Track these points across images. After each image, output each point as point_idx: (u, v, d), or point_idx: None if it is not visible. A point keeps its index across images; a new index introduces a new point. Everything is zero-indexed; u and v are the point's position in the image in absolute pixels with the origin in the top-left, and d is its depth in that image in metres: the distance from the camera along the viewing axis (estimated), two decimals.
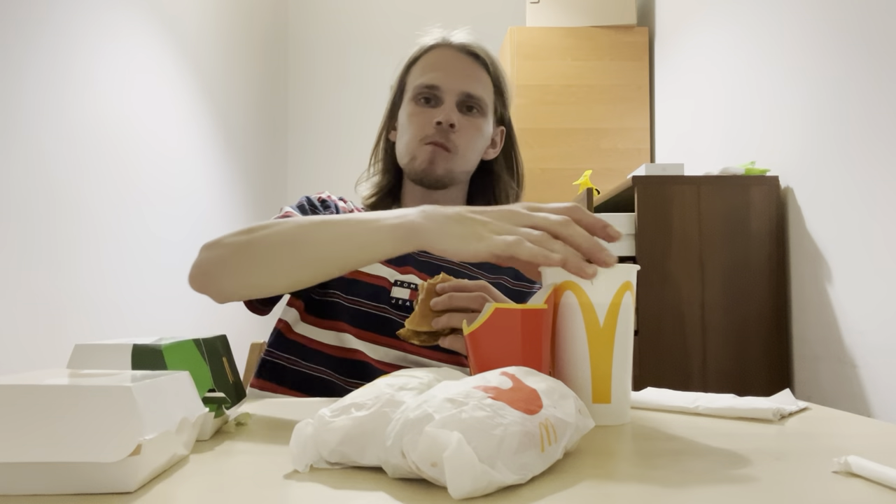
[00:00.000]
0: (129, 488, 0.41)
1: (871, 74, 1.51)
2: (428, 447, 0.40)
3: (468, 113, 1.00)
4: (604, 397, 0.60)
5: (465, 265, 1.01)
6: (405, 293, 0.96)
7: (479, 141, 1.02)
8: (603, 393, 0.60)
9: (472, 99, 1.00)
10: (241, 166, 3.12)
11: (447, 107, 0.98)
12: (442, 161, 0.98)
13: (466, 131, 0.99)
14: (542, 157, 2.91)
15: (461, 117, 0.99)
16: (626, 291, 0.60)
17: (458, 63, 1.01)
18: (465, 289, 0.76)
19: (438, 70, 1.00)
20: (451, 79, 0.99)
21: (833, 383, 1.62)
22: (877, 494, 0.41)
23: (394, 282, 0.96)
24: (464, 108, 1.00)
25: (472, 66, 1.02)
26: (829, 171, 1.65)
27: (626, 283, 0.60)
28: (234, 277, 0.78)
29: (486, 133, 1.04)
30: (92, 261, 1.86)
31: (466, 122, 1.00)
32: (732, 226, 1.79)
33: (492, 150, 1.08)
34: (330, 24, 3.91)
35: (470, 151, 1.01)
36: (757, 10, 2.04)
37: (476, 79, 1.01)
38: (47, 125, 1.68)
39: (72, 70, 1.78)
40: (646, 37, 2.97)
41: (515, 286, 1.02)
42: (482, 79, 1.02)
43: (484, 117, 1.02)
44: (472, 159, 1.03)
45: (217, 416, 0.59)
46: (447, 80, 0.99)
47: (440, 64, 1.01)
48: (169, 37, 2.39)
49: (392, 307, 0.95)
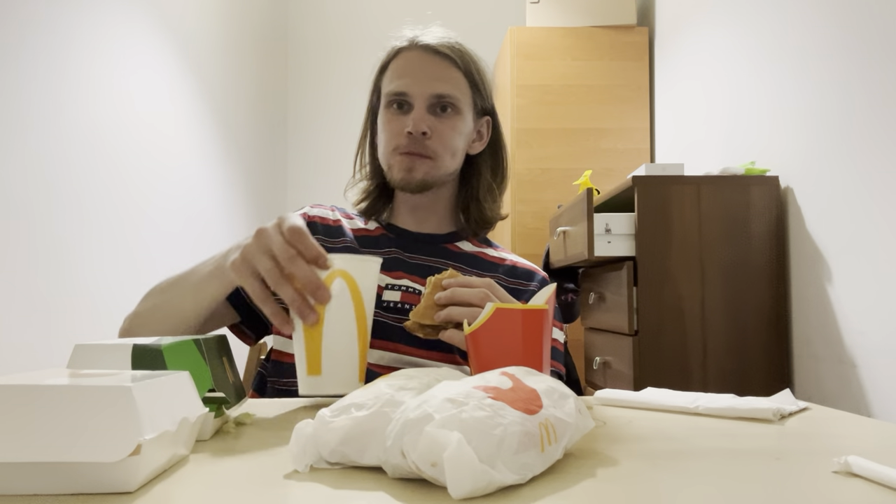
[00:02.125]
0: (129, 488, 0.41)
1: (871, 74, 1.51)
2: (428, 447, 0.40)
3: (442, 114, 0.98)
4: (315, 370, 0.68)
5: (460, 264, 1.01)
6: (396, 295, 0.96)
7: (456, 140, 1.00)
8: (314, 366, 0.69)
9: (444, 99, 0.98)
10: (241, 166, 3.13)
11: (417, 114, 0.96)
12: (420, 167, 0.97)
13: (441, 134, 0.97)
14: (542, 157, 2.91)
15: (435, 120, 0.97)
16: (336, 278, 0.68)
17: (426, 65, 0.99)
18: (471, 285, 0.76)
19: (406, 76, 0.98)
20: (419, 83, 0.97)
21: (833, 383, 1.62)
22: (877, 494, 0.41)
23: (385, 285, 0.96)
24: (437, 109, 0.98)
25: (440, 66, 0.99)
26: (830, 171, 1.65)
27: (336, 272, 0.68)
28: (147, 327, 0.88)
29: (465, 130, 1.01)
30: (92, 261, 1.86)
31: (440, 125, 0.97)
32: (732, 226, 1.79)
33: (478, 142, 1.06)
34: (330, 24, 3.91)
35: (448, 153, 0.99)
36: (757, 9, 2.04)
37: (445, 78, 0.98)
38: (46, 125, 1.68)
39: (71, 70, 1.78)
40: (646, 37, 2.97)
41: (512, 283, 1.01)
42: (452, 77, 0.99)
43: (459, 115, 1.00)
44: (453, 160, 1.01)
45: (217, 416, 0.59)
46: (415, 84, 0.97)
47: (407, 68, 0.99)
48: (169, 36, 2.39)
49: (384, 310, 0.94)
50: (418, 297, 0.95)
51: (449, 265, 1.00)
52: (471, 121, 1.03)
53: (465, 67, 1.00)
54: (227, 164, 2.96)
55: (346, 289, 0.69)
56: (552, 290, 0.70)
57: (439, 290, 0.77)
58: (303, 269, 0.67)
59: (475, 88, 1.02)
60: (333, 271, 0.68)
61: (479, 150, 1.06)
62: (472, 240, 1.07)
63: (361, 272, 0.70)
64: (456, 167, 1.02)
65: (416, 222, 1.04)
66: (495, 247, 1.09)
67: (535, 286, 1.03)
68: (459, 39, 1.03)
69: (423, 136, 0.96)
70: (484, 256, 1.04)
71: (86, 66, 1.85)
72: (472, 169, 1.06)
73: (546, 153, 2.91)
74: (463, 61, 1.00)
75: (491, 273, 1.02)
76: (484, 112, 1.06)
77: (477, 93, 1.02)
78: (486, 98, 1.04)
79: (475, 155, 1.06)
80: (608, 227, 1.83)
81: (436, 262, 1.00)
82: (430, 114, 0.97)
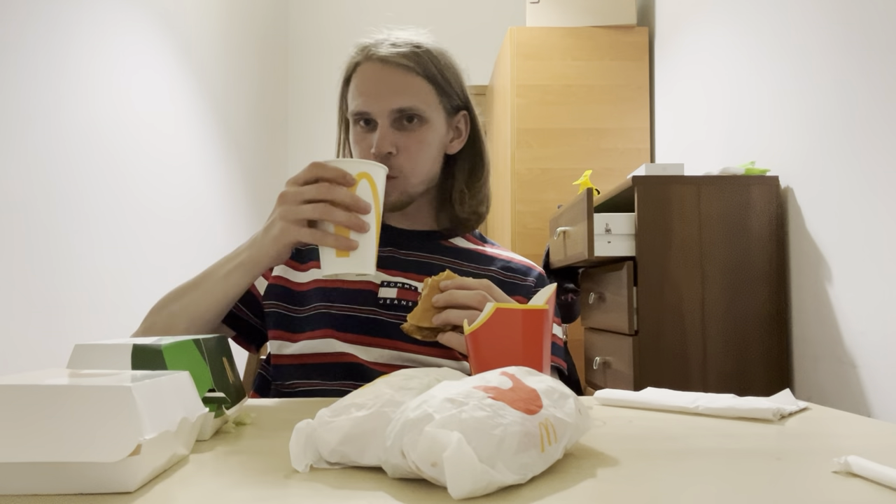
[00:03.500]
0: (129, 488, 0.41)
1: (871, 74, 1.51)
2: (428, 447, 0.40)
3: (408, 125, 0.95)
4: (344, 253, 0.78)
5: (455, 260, 1.01)
6: (392, 292, 0.95)
7: (425, 152, 0.97)
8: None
9: (407, 111, 0.94)
10: (241, 166, 3.13)
11: (380, 132, 0.94)
12: (392, 191, 0.94)
13: (408, 150, 0.95)
14: (542, 157, 2.91)
15: (400, 136, 0.94)
16: (362, 179, 0.78)
17: (384, 78, 0.95)
18: (468, 287, 0.76)
19: (364, 94, 0.96)
20: (379, 99, 0.94)
21: (833, 383, 1.62)
22: (877, 494, 0.41)
23: (381, 283, 0.96)
24: (402, 122, 0.95)
25: (398, 77, 0.95)
26: (830, 171, 1.65)
27: (360, 174, 0.78)
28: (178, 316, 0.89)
29: (436, 137, 0.98)
30: (91, 261, 1.86)
31: (407, 139, 0.95)
32: (732, 226, 1.79)
33: (457, 140, 1.03)
34: (330, 24, 3.91)
35: (419, 166, 0.96)
36: (757, 9, 2.04)
37: (404, 90, 0.94)
38: (45, 124, 1.68)
39: (70, 69, 1.78)
40: (646, 37, 2.97)
41: (508, 278, 1.01)
42: (412, 85, 0.95)
43: (426, 124, 0.96)
44: (426, 170, 0.98)
45: (217, 416, 0.59)
46: (375, 102, 0.94)
47: (366, 86, 0.96)
48: (169, 36, 2.39)
49: (381, 307, 0.94)
50: (414, 294, 0.95)
51: (444, 260, 1.00)
52: (442, 124, 0.99)
53: (426, 72, 0.96)
54: (227, 164, 2.96)
55: (369, 187, 0.79)
56: (552, 290, 0.70)
57: (436, 293, 0.77)
58: (340, 193, 0.76)
59: (440, 90, 0.98)
60: (359, 173, 0.78)
61: (458, 148, 1.03)
62: (467, 236, 1.07)
63: (377, 174, 0.80)
64: (429, 176, 1.00)
65: (407, 222, 1.04)
66: (491, 244, 1.09)
67: (532, 281, 1.02)
68: (420, 39, 0.98)
69: (389, 156, 0.93)
70: (479, 252, 1.04)
71: (86, 65, 1.85)
72: (448, 170, 1.03)
73: (546, 153, 2.91)
74: (422, 66, 0.96)
75: (487, 267, 1.01)
76: (458, 108, 1.02)
77: (444, 94, 0.98)
78: (457, 95, 1.00)
79: (452, 155, 1.03)
80: (608, 227, 1.83)
81: (431, 258, 1.00)
82: (396, 129, 0.95)
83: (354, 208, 0.76)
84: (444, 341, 0.76)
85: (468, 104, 1.03)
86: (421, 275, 0.97)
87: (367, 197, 0.78)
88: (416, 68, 0.95)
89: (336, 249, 0.77)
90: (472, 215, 1.03)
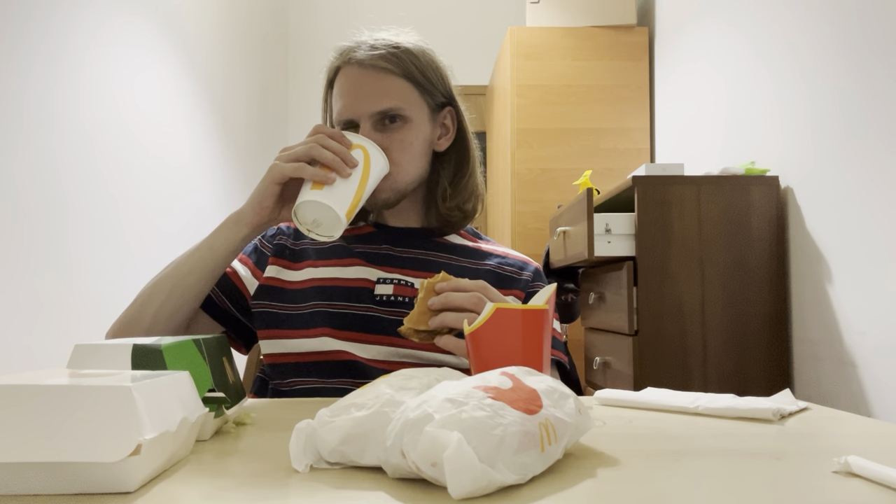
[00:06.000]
0: (129, 488, 0.41)
1: (870, 74, 1.51)
2: (428, 447, 0.40)
3: (391, 125, 0.95)
4: (319, 186, 0.85)
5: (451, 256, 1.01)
6: (389, 289, 0.95)
7: (410, 151, 0.97)
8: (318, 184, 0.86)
9: (387, 112, 0.95)
10: (241, 166, 3.13)
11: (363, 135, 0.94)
12: (379, 193, 0.94)
13: (392, 150, 0.95)
14: (542, 157, 2.91)
15: (383, 136, 0.95)
16: (356, 149, 0.87)
17: (364, 82, 0.95)
18: (463, 289, 0.76)
19: (345, 99, 0.96)
20: (360, 104, 0.95)
21: (833, 383, 1.62)
22: (877, 494, 0.41)
23: (376, 280, 0.96)
24: (385, 122, 0.95)
25: (377, 80, 0.95)
26: (829, 171, 1.65)
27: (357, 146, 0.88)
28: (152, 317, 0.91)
29: (420, 136, 0.98)
30: (92, 261, 1.86)
31: (390, 139, 0.95)
32: (732, 226, 1.79)
33: (445, 138, 1.02)
34: (330, 24, 3.91)
35: (405, 165, 0.96)
36: (757, 10, 2.04)
37: (384, 92, 0.95)
38: (46, 125, 1.68)
39: (71, 70, 1.78)
40: (646, 37, 2.97)
41: (505, 272, 1.02)
42: (392, 87, 0.95)
43: (409, 123, 0.96)
44: (413, 168, 0.98)
45: (217, 416, 0.59)
46: (356, 107, 0.95)
47: (346, 90, 0.96)
48: (169, 36, 2.39)
49: (377, 304, 0.94)
50: (411, 290, 0.95)
51: (440, 256, 1.00)
52: (425, 122, 0.99)
53: (405, 71, 0.96)
54: (227, 164, 2.96)
55: (362, 155, 0.87)
56: (552, 290, 0.70)
57: (432, 295, 0.76)
58: (332, 142, 0.85)
59: (422, 88, 0.98)
60: (357, 144, 0.87)
61: (447, 145, 1.02)
62: (462, 232, 1.07)
63: (375, 151, 0.89)
64: (420, 172, 1.00)
65: (400, 221, 1.04)
66: (486, 240, 1.09)
67: (529, 275, 1.02)
68: (399, 40, 0.99)
69: None
70: (475, 248, 1.05)
71: (85, 66, 1.85)
72: (434, 169, 1.03)
73: (546, 153, 2.91)
74: (401, 66, 0.96)
75: (483, 262, 1.02)
76: (443, 105, 1.02)
77: (425, 92, 0.98)
78: (440, 92, 1.00)
79: (439, 153, 1.03)
80: (608, 227, 1.83)
81: (427, 255, 1.00)
82: (378, 130, 0.95)
83: (341, 155, 0.83)
84: (442, 345, 0.76)
85: (453, 101, 1.03)
86: (417, 271, 0.97)
87: (359, 157, 0.85)
88: (394, 69, 0.96)
89: (312, 182, 0.82)
90: (456, 212, 1.02)
